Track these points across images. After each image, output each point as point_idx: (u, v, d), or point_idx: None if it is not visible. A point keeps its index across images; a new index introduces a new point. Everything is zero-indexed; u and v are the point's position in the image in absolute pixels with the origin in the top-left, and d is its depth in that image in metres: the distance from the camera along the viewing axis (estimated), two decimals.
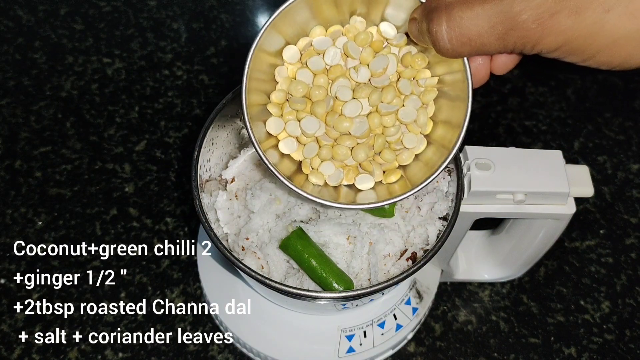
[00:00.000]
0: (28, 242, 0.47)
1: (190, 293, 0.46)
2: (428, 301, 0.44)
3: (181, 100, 0.57)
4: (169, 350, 0.44)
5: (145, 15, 0.63)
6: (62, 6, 0.63)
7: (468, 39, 0.26)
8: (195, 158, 0.35)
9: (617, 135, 0.57)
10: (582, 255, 0.50)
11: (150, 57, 0.60)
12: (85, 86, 0.58)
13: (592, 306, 0.47)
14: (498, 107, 0.58)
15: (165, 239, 0.48)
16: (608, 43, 0.24)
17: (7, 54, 0.59)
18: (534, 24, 0.24)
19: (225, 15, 0.64)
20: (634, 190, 0.54)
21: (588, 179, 0.38)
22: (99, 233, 0.49)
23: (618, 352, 0.45)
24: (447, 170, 0.37)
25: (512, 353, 0.45)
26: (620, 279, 0.49)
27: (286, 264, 0.35)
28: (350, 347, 0.41)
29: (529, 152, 0.38)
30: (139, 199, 0.51)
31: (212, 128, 0.36)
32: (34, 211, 0.49)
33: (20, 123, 0.55)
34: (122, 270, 0.47)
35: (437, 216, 0.36)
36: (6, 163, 0.52)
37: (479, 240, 0.47)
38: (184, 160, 0.53)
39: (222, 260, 0.43)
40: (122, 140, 0.54)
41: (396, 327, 0.42)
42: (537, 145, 0.56)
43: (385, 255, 0.35)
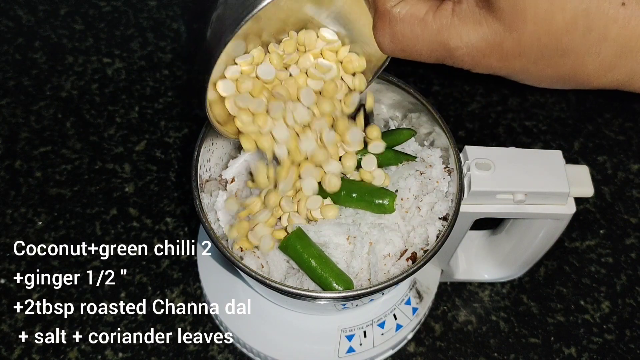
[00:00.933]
0: (28, 242, 0.47)
1: (190, 293, 0.46)
2: (428, 301, 0.44)
3: (181, 100, 0.57)
4: (169, 350, 0.44)
5: (145, 15, 0.63)
6: (62, 6, 0.63)
7: (408, 53, 0.29)
8: (195, 158, 0.35)
9: (617, 136, 0.57)
10: (582, 255, 0.50)
11: (150, 57, 0.60)
12: (85, 86, 0.58)
13: (592, 306, 0.47)
14: (498, 107, 0.58)
15: (165, 239, 0.48)
16: (535, 80, 0.28)
17: (7, 54, 0.59)
18: (468, 59, 0.27)
19: None
20: (634, 190, 0.54)
21: (588, 179, 0.38)
22: (99, 233, 0.49)
23: (618, 352, 0.45)
24: (447, 170, 0.37)
25: (512, 353, 0.45)
26: (620, 279, 0.49)
27: (286, 264, 0.35)
28: (350, 347, 0.41)
29: (529, 152, 0.38)
30: (139, 199, 0.51)
31: (212, 128, 0.36)
32: (34, 211, 0.49)
33: (20, 123, 0.55)
34: (122, 270, 0.47)
35: (437, 216, 0.36)
36: (6, 163, 0.52)
37: (479, 240, 0.47)
38: (184, 160, 0.53)
39: (222, 260, 0.43)
40: (122, 140, 0.54)
41: (396, 327, 0.42)
42: (537, 145, 0.56)
43: (385, 255, 0.35)
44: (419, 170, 0.37)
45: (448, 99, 0.59)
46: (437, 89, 0.59)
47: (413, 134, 0.39)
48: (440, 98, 0.59)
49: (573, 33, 0.24)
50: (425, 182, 0.37)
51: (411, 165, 0.37)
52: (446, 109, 0.58)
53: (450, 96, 0.59)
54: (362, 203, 0.35)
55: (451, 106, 0.58)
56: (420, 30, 0.27)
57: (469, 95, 0.59)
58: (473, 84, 0.59)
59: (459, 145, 0.37)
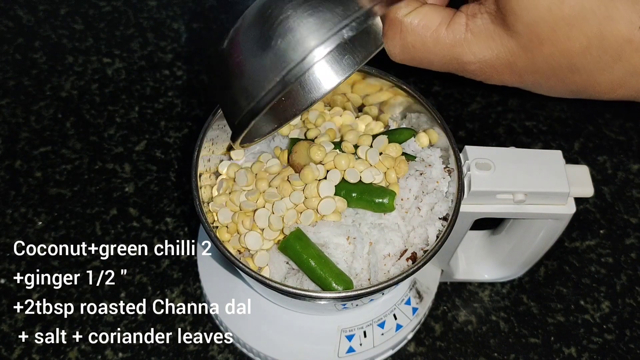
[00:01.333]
0: (28, 242, 0.47)
1: (190, 293, 0.46)
2: (428, 301, 0.44)
3: (181, 100, 0.57)
4: (169, 350, 0.44)
5: (145, 15, 0.63)
6: (62, 6, 0.63)
7: (418, 63, 0.28)
8: (195, 158, 0.35)
9: (617, 136, 0.57)
10: (582, 255, 0.50)
11: (150, 57, 0.60)
12: (85, 86, 0.58)
13: (592, 306, 0.47)
14: (498, 108, 0.58)
15: (165, 239, 0.48)
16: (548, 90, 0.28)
17: (7, 54, 0.59)
18: (480, 74, 0.27)
19: (225, 15, 0.64)
20: (634, 190, 0.54)
21: (588, 179, 0.38)
22: (99, 233, 0.49)
23: (618, 352, 0.45)
24: (447, 170, 0.37)
25: (512, 353, 0.45)
26: (620, 279, 0.49)
27: (286, 265, 0.35)
28: (350, 347, 0.41)
29: (529, 152, 0.38)
30: (139, 199, 0.51)
31: (212, 128, 0.36)
32: (34, 211, 0.49)
33: (20, 123, 0.55)
34: (122, 270, 0.47)
35: (437, 216, 0.36)
36: (6, 163, 0.52)
37: (479, 240, 0.47)
38: (184, 160, 0.53)
39: (222, 260, 0.43)
40: (122, 140, 0.54)
41: (396, 327, 0.42)
42: (537, 145, 0.56)
43: (385, 255, 0.35)
44: (419, 170, 0.37)
45: (448, 99, 0.59)
46: (438, 89, 0.59)
47: (413, 134, 0.39)
48: (441, 98, 0.59)
49: (587, 54, 0.24)
50: (425, 182, 0.36)
51: (411, 165, 0.37)
52: (446, 109, 0.58)
53: (450, 96, 0.59)
54: (362, 202, 0.35)
55: (451, 106, 0.58)
56: (433, 43, 0.27)
57: (469, 96, 0.59)
58: (473, 84, 0.59)
59: (459, 145, 0.37)
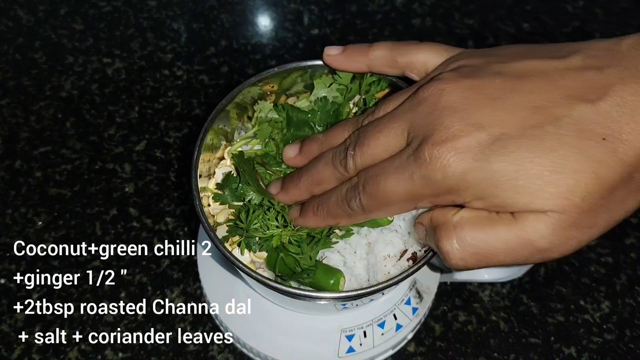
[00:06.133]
0: (28, 242, 0.47)
1: (190, 293, 0.46)
2: (428, 301, 0.44)
3: (181, 100, 0.57)
4: (169, 350, 0.44)
5: (145, 15, 0.63)
6: (62, 6, 0.63)
7: (483, 257, 0.26)
8: (195, 158, 0.35)
9: None
10: (582, 255, 0.50)
11: (150, 57, 0.60)
12: (85, 86, 0.58)
13: (592, 306, 0.47)
14: None
15: (165, 239, 0.49)
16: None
17: (7, 54, 0.59)
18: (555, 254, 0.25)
19: (225, 15, 0.64)
20: None
21: None
22: (99, 233, 0.49)
23: (618, 352, 0.45)
24: None
25: (512, 353, 0.45)
26: (620, 278, 0.49)
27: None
28: (350, 347, 0.41)
29: None
30: (139, 199, 0.51)
31: (212, 128, 0.36)
32: (34, 211, 0.49)
33: (20, 123, 0.55)
34: (122, 270, 0.47)
35: None
36: (6, 163, 0.52)
37: None
38: (184, 160, 0.53)
39: (222, 260, 0.43)
40: (122, 140, 0.54)
41: (396, 327, 0.42)
42: None
43: (385, 255, 0.35)
44: None
45: None
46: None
47: None
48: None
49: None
50: None
51: None
52: None
53: None
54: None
55: None
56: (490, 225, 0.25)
57: None
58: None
59: None
